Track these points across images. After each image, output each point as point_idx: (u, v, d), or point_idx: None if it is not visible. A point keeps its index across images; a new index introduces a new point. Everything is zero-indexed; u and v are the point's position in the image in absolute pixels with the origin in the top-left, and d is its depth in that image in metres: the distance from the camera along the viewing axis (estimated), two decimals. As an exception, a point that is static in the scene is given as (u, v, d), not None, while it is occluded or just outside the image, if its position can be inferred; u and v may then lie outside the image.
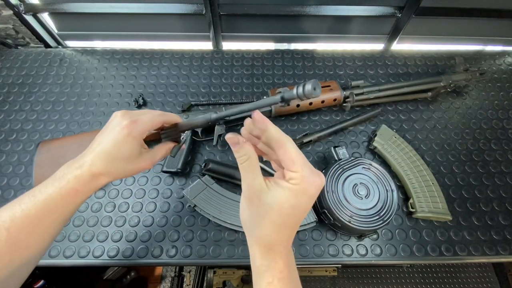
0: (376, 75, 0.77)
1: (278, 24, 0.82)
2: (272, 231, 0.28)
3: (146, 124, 0.37)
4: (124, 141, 0.36)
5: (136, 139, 0.36)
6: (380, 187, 0.52)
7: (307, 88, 0.24)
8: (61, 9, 0.75)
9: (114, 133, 0.36)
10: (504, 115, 0.71)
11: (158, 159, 0.41)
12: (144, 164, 0.39)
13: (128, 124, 0.36)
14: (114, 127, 0.36)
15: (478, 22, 0.80)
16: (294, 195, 0.27)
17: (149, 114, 0.38)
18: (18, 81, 0.76)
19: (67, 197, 0.34)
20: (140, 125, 0.37)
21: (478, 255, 0.55)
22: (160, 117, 0.39)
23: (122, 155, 0.36)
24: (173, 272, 1.32)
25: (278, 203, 0.27)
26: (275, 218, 0.28)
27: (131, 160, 0.37)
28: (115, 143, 0.35)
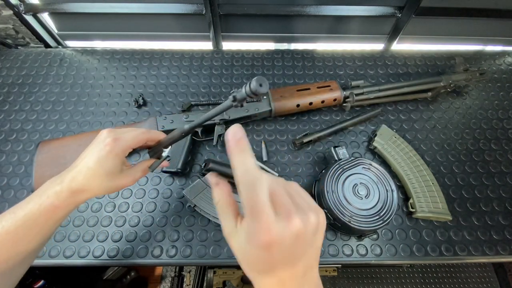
0: (376, 75, 0.77)
1: (278, 24, 0.82)
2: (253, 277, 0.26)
3: (128, 142, 0.38)
4: (106, 158, 0.36)
5: (118, 156, 0.37)
6: (380, 187, 0.52)
7: (253, 85, 0.25)
8: (61, 9, 0.75)
9: (97, 150, 0.37)
10: (504, 115, 0.71)
11: (139, 176, 0.41)
12: (126, 181, 0.39)
13: (111, 141, 0.37)
14: (98, 144, 0.37)
15: (478, 22, 0.80)
16: (247, 237, 0.24)
17: (132, 132, 0.39)
18: (18, 81, 0.76)
19: (46, 213, 0.34)
20: (122, 143, 0.37)
21: (478, 255, 0.55)
22: (143, 135, 0.40)
23: (104, 171, 0.36)
24: (173, 272, 1.33)
25: (238, 244, 0.26)
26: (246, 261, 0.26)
27: (112, 177, 0.37)
28: (98, 159, 0.36)
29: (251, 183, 0.23)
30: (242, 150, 0.24)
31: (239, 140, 0.25)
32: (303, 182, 0.62)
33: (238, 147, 0.24)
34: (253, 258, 0.24)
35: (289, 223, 0.23)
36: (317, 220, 0.25)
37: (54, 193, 0.35)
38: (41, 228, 0.35)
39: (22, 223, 0.34)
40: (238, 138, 0.25)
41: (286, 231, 0.23)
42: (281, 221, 0.23)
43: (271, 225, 0.22)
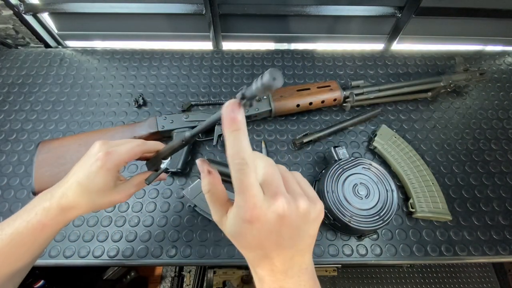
0: (376, 75, 0.77)
1: (278, 24, 0.82)
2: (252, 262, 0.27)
3: (122, 156, 0.36)
4: (97, 173, 0.34)
5: (110, 171, 0.35)
6: (380, 187, 0.52)
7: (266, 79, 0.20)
8: (61, 9, 0.75)
9: (88, 164, 0.35)
10: (504, 115, 0.71)
11: (133, 191, 0.39)
12: (118, 197, 0.37)
13: (102, 155, 0.34)
14: (89, 158, 0.35)
15: (478, 22, 0.80)
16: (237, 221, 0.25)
17: (127, 145, 0.37)
18: (18, 81, 0.76)
19: (34, 231, 0.33)
20: (114, 157, 0.35)
21: (478, 255, 0.55)
22: (138, 147, 0.38)
23: (95, 187, 0.34)
24: (173, 272, 1.32)
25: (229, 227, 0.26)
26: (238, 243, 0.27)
27: (104, 193, 0.35)
28: (88, 175, 0.34)
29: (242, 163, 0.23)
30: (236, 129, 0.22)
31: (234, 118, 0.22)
32: (303, 182, 0.61)
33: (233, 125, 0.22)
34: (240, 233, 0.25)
35: (273, 203, 0.23)
36: (308, 208, 0.25)
37: (43, 210, 0.33)
38: (30, 247, 0.34)
39: (10, 241, 0.32)
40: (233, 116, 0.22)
41: (269, 209, 0.23)
42: (266, 200, 0.23)
43: (257, 202, 0.23)
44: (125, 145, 0.37)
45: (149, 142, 0.39)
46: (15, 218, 0.34)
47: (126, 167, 0.63)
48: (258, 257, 0.26)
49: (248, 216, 0.23)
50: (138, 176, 0.40)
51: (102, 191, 0.35)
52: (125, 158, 0.36)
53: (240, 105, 0.22)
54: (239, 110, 0.22)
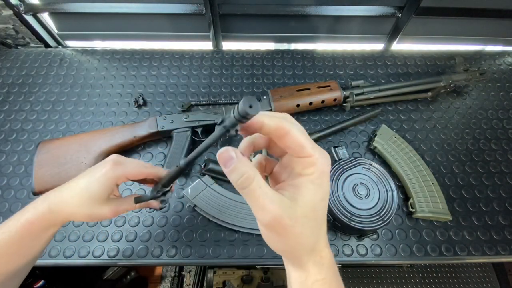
0: (376, 75, 0.77)
1: (278, 24, 0.82)
2: (319, 237, 0.24)
3: (127, 169, 0.36)
4: (98, 180, 0.34)
5: (109, 180, 0.35)
6: (380, 187, 0.52)
7: (241, 108, 0.20)
8: (61, 9, 0.75)
9: (95, 169, 0.35)
10: (504, 115, 0.71)
11: (122, 210, 0.38)
12: (107, 212, 0.36)
13: (111, 163, 0.35)
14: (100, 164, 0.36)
15: (478, 22, 0.80)
16: (318, 186, 0.22)
17: (136, 163, 0.38)
18: (18, 81, 0.76)
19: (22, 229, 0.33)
20: (120, 169, 0.35)
21: (478, 255, 0.55)
22: (146, 169, 0.38)
23: (88, 194, 0.34)
24: (173, 272, 1.32)
25: (311, 206, 0.22)
26: (316, 223, 0.23)
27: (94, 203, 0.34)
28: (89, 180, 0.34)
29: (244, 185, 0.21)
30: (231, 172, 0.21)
31: (225, 163, 0.21)
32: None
33: (228, 170, 0.21)
34: (320, 205, 0.23)
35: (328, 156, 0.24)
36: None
37: (33, 208, 0.33)
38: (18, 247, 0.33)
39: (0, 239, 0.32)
40: (224, 162, 0.21)
41: (329, 161, 0.24)
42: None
43: (326, 154, 0.24)
44: (135, 162, 0.38)
45: (156, 168, 0.39)
46: (11, 218, 0.34)
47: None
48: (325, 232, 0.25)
49: (328, 167, 0.23)
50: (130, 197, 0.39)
51: (93, 200, 0.34)
52: (130, 173, 0.36)
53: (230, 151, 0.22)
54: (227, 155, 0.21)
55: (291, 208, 0.21)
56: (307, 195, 0.22)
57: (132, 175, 0.37)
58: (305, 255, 0.24)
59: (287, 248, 0.24)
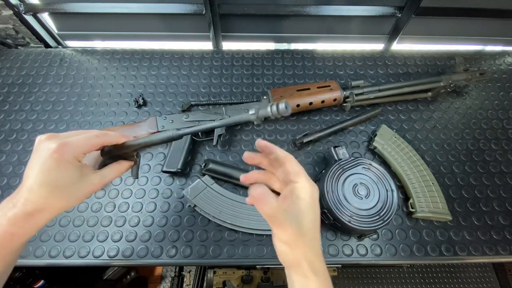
0: (376, 75, 0.77)
1: (278, 24, 0.82)
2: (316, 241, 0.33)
3: (79, 146, 0.33)
4: (57, 168, 0.31)
5: (71, 163, 0.32)
6: (380, 187, 0.52)
7: (281, 107, 0.30)
8: (61, 9, 0.75)
9: (42, 161, 0.31)
10: (504, 115, 0.71)
11: (108, 180, 0.37)
12: (92, 187, 0.34)
13: (57, 148, 0.31)
14: (41, 155, 0.31)
15: (478, 22, 0.80)
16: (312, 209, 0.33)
17: (83, 135, 0.34)
18: (18, 81, 0.76)
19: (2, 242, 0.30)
20: (71, 148, 0.32)
21: (478, 255, 0.55)
22: (97, 138, 0.35)
23: (60, 183, 0.31)
24: (173, 272, 1.32)
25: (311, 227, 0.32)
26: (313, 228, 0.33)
27: (73, 187, 0.33)
28: (48, 172, 0.31)
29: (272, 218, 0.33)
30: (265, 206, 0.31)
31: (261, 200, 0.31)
32: (303, 182, 0.62)
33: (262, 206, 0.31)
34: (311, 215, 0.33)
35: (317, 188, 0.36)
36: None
37: (7, 221, 0.30)
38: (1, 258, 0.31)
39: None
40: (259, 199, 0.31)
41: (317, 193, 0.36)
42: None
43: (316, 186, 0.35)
44: (82, 134, 0.34)
45: (110, 133, 0.37)
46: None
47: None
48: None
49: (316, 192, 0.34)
50: (113, 165, 0.38)
51: (70, 185, 0.32)
52: (83, 148, 0.34)
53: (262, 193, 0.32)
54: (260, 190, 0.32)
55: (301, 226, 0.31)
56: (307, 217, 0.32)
57: (86, 149, 0.34)
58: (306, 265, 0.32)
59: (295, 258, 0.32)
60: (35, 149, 0.33)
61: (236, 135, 0.67)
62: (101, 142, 0.36)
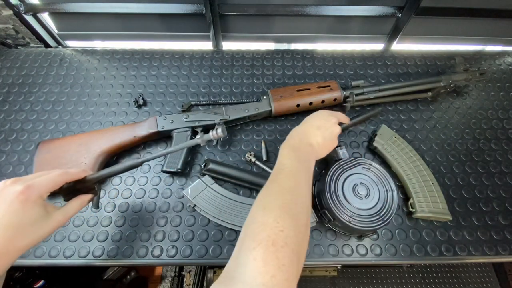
0: (376, 75, 0.77)
1: (278, 24, 0.82)
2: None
3: (44, 186, 0.35)
4: (23, 208, 0.32)
5: (36, 203, 0.34)
6: (380, 187, 0.52)
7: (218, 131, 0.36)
8: (61, 9, 0.75)
9: (7, 204, 0.32)
10: (504, 115, 0.71)
11: (71, 215, 0.39)
12: (56, 223, 0.36)
13: (23, 189, 0.33)
14: (6, 198, 0.33)
15: (478, 22, 0.80)
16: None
17: (46, 176, 0.36)
18: (18, 81, 0.76)
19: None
20: (37, 188, 0.34)
21: (478, 255, 0.55)
22: (60, 176, 0.37)
23: (25, 223, 0.33)
24: (173, 272, 1.32)
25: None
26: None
27: (37, 225, 0.34)
28: (14, 214, 0.32)
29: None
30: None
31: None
32: (303, 182, 0.61)
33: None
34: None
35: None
36: None
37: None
38: None
39: None
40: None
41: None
42: None
43: None
44: (45, 176, 0.36)
45: (71, 171, 0.39)
46: None
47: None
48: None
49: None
50: (75, 200, 0.41)
51: (36, 222, 0.34)
52: (48, 187, 0.36)
53: None
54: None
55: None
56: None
57: (51, 188, 0.36)
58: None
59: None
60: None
61: (236, 135, 0.67)
62: (64, 180, 0.38)
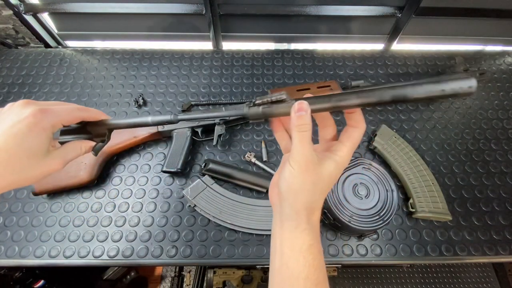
0: (376, 75, 0.77)
1: (278, 24, 0.82)
2: (320, 197, 0.30)
3: (60, 115, 0.29)
4: (29, 134, 0.27)
5: (46, 131, 0.28)
6: (380, 187, 0.52)
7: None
8: (61, 9, 0.75)
9: (13, 123, 0.27)
10: (504, 115, 0.71)
11: (70, 158, 0.32)
12: (55, 164, 0.30)
13: (35, 112, 0.28)
14: (13, 115, 0.27)
15: (478, 22, 0.80)
16: (339, 167, 0.29)
17: (65, 106, 0.31)
18: (18, 81, 0.76)
19: None
20: (51, 115, 0.29)
21: (478, 255, 0.55)
22: (79, 112, 0.32)
23: (25, 152, 0.27)
24: (173, 272, 1.32)
25: (329, 174, 0.29)
26: (324, 186, 0.29)
27: (36, 160, 0.28)
28: (15, 136, 0.26)
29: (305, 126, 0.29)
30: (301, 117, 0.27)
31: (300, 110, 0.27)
32: (303, 182, 0.62)
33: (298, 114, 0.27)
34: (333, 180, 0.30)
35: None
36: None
37: None
38: None
39: None
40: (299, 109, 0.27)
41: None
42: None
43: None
44: (63, 105, 0.31)
45: (91, 109, 0.34)
46: None
47: (126, 167, 0.63)
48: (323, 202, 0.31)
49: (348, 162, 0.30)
50: (75, 143, 0.34)
51: (34, 157, 0.28)
52: (64, 119, 0.30)
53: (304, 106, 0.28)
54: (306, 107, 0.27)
55: (318, 163, 0.28)
56: (331, 167, 0.29)
57: (68, 120, 0.31)
58: (303, 207, 0.29)
59: (301, 187, 0.29)
60: (5, 111, 0.28)
61: (236, 135, 0.67)
62: (82, 116, 0.32)
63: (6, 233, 0.56)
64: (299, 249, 0.29)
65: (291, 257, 0.29)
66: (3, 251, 0.54)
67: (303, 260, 0.28)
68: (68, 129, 0.34)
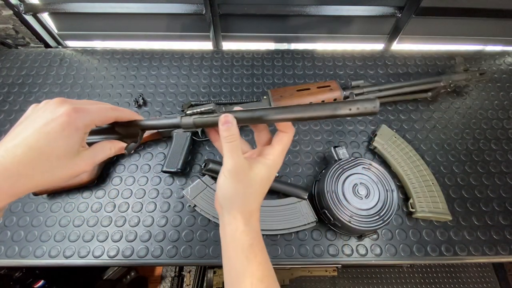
0: (376, 75, 0.77)
1: (278, 24, 0.82)
2: (254, 201, 0.33)
3: (94, 115, 0.29)
4: (61, 133, 0.26)
5: (78, 131, 0.27)
6: (380, 187, 0.52)
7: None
8: (61, 9, 0.75)
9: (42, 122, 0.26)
10: (504, 115, 0.71)
11: (99, 159, 0.31)
12: (84, 165, 0.29)
13: (69, 111, 0.27)
14: (46, 114, 0.27)
15: (478, 22, 0.80)
16: (271, 170, 0.32)
17: (100, 105, 0.31)
18: (18, 81, 0.76)
19: None
20: (86, 115, 0.28)
21: (478, 255, 0.55)
22: (112, 112, 0.31)
23: (55, 153, 0.26)
24: (173, 272, 1.32)
25: (260, 178, 0.32)
26: (257, 190, 0.32)
27: (66, 161, 0.27)
28: (47, 135, 0.25)
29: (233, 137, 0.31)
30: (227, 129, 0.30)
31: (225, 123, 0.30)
32: (303, 182, 0.62)
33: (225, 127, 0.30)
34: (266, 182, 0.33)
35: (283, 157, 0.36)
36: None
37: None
38: None
39: None
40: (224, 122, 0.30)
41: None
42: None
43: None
44: (97, 105, 0.30)
45: (124, 109, 0.33)
46: None
47: (126, 167, 0.63)
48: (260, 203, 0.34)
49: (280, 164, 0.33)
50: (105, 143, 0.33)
51: (64, 158, 0.27)
52: (98, 119, 0.29)
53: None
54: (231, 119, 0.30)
55: (248, 169, 0.31)
56: (261, 171, 0.32)
57: (100, 120, 0.30)
58: (239, 211, 0.32)
59: (234, 193, 0.31)
60: (36, 109, 0.28)
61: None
62: (115, 116, 0.32)
63: (6, 233, 0.56)
64: (241, 250, 0.31)
65: (236, 258, 0.32)
66: (3, 251, 0.54)
67: (245, 259, 0.31)
68: (96, 129, 0.33)
